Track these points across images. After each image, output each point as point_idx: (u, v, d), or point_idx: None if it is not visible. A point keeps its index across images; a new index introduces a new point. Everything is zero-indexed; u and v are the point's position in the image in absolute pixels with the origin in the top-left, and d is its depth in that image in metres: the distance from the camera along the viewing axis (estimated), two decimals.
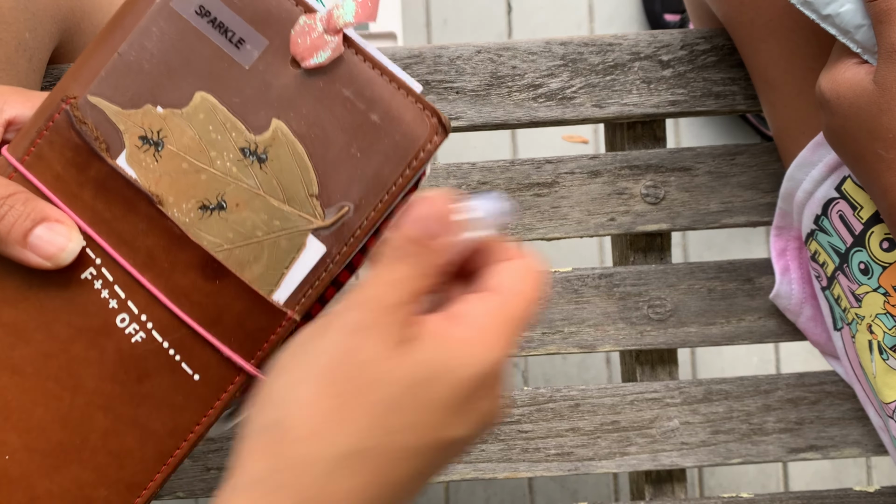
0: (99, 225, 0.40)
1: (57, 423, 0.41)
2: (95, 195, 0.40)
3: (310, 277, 0.40)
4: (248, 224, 0.40)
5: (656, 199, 0.64)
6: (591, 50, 0.63)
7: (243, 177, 0.40)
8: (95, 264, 0.41)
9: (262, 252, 0.40)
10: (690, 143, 1.19)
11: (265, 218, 0.40)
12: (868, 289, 0.56)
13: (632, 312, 0.64)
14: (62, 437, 0.41)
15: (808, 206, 0.58)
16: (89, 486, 0.42)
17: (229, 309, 0.40)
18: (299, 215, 0.40)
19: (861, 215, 0.55)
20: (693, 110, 0.63)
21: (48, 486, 0.41)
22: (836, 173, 0.56)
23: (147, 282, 0.40)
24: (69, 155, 0.40)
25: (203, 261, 0.40)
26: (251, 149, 0.40)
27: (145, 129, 0.40)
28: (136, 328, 0.41)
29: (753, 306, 0.65)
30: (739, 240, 1.17)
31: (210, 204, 0.40)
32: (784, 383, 0.65)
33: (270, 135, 0.40)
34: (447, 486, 1.10)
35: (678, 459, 0.65)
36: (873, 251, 0.55)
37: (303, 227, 0.40)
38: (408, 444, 0.34)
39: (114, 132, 0.40)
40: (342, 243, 0.40)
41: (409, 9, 1.21)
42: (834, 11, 0.48)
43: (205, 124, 0.40)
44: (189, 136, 0.40)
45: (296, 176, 0.40)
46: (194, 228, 0.40)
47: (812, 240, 0.59)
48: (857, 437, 0.65)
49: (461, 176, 0.64)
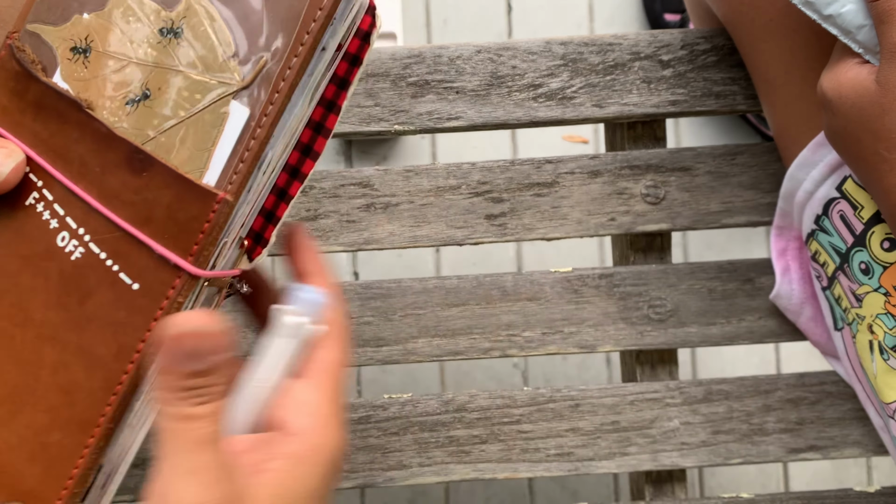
0: (39, 146, 0.40)
1: (11, 365, 0.39)
2: (35, 117, 0.40)
3: (237, 149, 0.37)
4: (171, 106, 0.38)
5: (656, 199, 0.64)
6: (591, 50, 0.63)
7: (163, 58, 0.39)
8: (37, 187, 0.40)
9: (188, 132, 0.38)
10: (690, 143, 1.19)
11: (186, 95, 0.38)
12: (869, 289, 0.56)
13: (632, 312, 0.64)
14: (17, 379, 0.39)
15: (809, 206, 0.58)
16: (44, 431, 0.39)
17: (159, 202, 0.38)
18: (219, 81, 0.38)
19: (862, 215, 0.55)
20: (693, 110, 0.63)
21: (6, 437, 0.39)
22: (836, 173, 0.56)
23: (81, 190, 0.39)
24: (11, 85, 0.40)
25: (129, 154, 0.38)
26: (168, 27, 0.39)
27: (75, 40, 0.40)
28: (76, 244, 0.39)
29: (753, 306, 0.65)
30: (739, 240, 1.17)
31: (136, 96, 0.39)
32: (784, 383, 0.65)
33: (184, 5, 0.39)
34: (447, 486, 1.10)
35: (678, 460, 0.65)
36: (874, 251, 0.55)
37: (224, 94, 0.38)
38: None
39: (49, 52, 0.40)
40: (267, 102, 0.37)
41: (409, 9, 1.21)
42: (835, 11, 0.48)
43: (125, 16, 0.39)
44: (112, 34, 0.40)
45: (211, 41, 0.38)
46: (120, 124, 0.39)
47: (812, 240, 0.59)
48: (857, 438, 0.65)
49: (461, 176, 0.64)
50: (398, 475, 0.64)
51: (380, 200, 0.64)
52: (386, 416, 0.65)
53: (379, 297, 0.64)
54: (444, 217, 0.64)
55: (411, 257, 1.15)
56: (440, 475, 0.64)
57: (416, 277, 0.64)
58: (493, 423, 0.65)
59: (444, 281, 0.64)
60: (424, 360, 0.64)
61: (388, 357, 0.64)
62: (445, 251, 1.15)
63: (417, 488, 1.11)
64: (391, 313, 0.64)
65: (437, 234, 0.64)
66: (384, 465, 0.64)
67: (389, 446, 0.65)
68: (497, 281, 0.64)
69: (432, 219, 0.64)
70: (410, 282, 0.64)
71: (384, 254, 1.15)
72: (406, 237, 0.64)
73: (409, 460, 0.64)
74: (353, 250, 0.64)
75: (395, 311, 0.64)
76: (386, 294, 0.64)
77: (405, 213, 0.64)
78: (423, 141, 1.18)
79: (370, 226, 0.64)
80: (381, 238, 0.64)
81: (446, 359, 0.64)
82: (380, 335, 0.64)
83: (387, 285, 0.64)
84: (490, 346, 0.64)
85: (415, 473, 0.64)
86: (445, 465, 0.64)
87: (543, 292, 0.64)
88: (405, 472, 0.64)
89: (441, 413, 0.65)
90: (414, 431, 0.65)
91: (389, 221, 0.64)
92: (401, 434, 0.65)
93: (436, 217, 0.64)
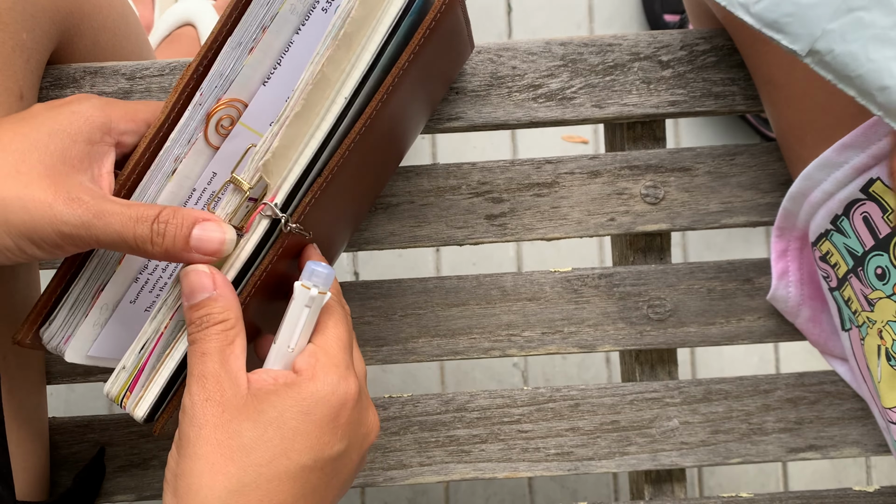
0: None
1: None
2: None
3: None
4: None
5: (656, 200, 0.64)
6: (591, 50, 0.63)
7: None
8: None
9: None
10: (690, 144, 1.19)
11: None
12: (882, 294, 0.56)
13: (631, 312, 0.64)
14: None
15: (826, 206, 0.57)
16: None
17: None
18: None
19: (890, 219, 0.54)
20: (693, 110, 0.63)
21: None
22: (862, 175, 0.55)
23: None
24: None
25: None
26: None
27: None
28: None
29: (753, 306, 0.65)
30: (739, 240, 1.17)
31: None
32: (783, 383, 0.65)
33: None
34: (447, 485, 1.10)
35: (678, 459, 0.65)
36: (895, 257, 0.55)
37: None
38: (280, 471, 0.43)
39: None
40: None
41: None
42: (854, 73, 0.47)
43: None
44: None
45: None
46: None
47: (825, 240, 0.59)
48: (856, 437, 0.65)
49: (461, 176, 0.64)
50: (398, 474, 0.64)
51: (380, 200, 0.64)
52: (386, 416, 0.65)
53: (379, 297, 0.64)
54: (444, 217, 0.64)
55: (411, 257, 1.15)
56: (440, 475, 0.64)
57: (417, 277, 0.65)
58: (493, 423, 0.65)
59: (444, 281, 0.65)
60: (424, 359, 0.65)
61: (388, 357, 0.64)
62: (445, 251, 1.15)
63: (418, 488, 1.11)
64: (391, 313, 0.64)
65: (437, 234, 0.64)
66: (384, 465, 0.64)
67: (390, 446, 0.65)
68: (497, 281, 0.65)
69: (432, 219, 0.64)
70: (410, 282, 0.65)
71: (384, 254, 1.15)
72: (406, 237, 0.64)
73: (410, 460, 0.65)
74: (353, 250, 0.64)
75: (395, 311, 0.64)
76: (386, 294, 0.64)
77: (405, 213, 0.64)
78: (423, 141, 1.18)
79: (370, 226, 0.64)
80: (381, 238, 0.64)
81: (446, 359, 0.64)
82: (380, 335, 0.64)
83: (387, 285, 0.65)
84: (490, 346, 0.65)
85: (415, 473, 0.65)
86: (445, 464, 0.65)
87: (543, 292, 0.65)
88: (405, 471, 0.65)
89: (441, 413, 0.65)
90: (414, 431, 0.65)
91: (389, 221, 0.64)
92: (401, 434, 0.65)
93: (436, 217, 0.64)
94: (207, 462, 0.42)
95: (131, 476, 0.64)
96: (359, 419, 0.47)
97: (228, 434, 0.43)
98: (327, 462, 0.45)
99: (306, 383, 0.45)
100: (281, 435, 0.43)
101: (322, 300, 0.47)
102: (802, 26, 0.47)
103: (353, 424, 0.46)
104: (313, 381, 0.45)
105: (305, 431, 0.44)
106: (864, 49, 0.46)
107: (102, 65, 0.61)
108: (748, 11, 0.48)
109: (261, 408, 0.44)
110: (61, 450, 0.64)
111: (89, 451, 0.64)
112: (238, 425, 0.43)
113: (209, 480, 0.42)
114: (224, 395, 0.43)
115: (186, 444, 0.43)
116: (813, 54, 0.47)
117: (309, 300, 0.47)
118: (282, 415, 0.44)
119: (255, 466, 0.43)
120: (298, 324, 0.46)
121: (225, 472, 0.42)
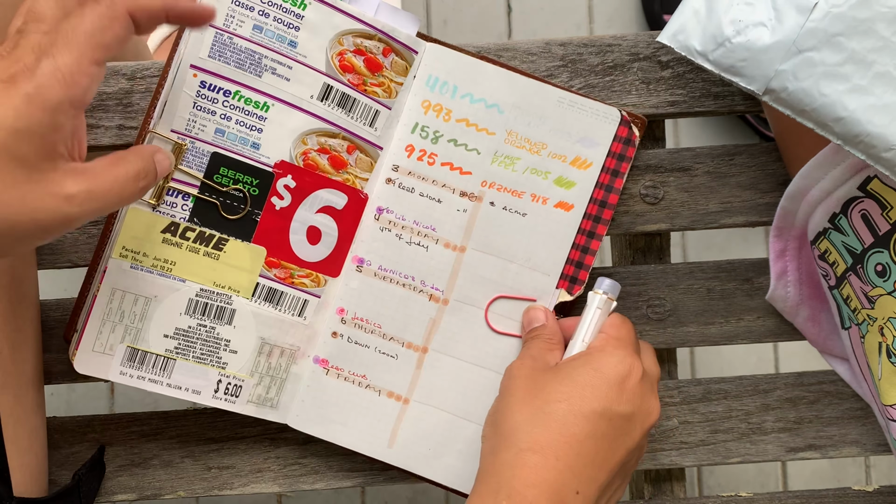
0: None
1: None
2: None
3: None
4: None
5: (655, 200, 0.64)
6: (591, 50, 0.63)
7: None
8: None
9: None
10: (689, 144, 1.19)
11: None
12: (882, 291, 0.56)
13: (631, 312, 0.64)
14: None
15: (824, 204, 0.58)
16: None
17: None
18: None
19: (890, 216, 0.54)
20: (692, 111, 0.63)
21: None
22: (860, 173, 0.55)
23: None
24: None
25: None
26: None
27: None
28: None
29: (752, 306, 0.65)
30: (738, 240, 1.17)
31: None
32: (783, 383, 0.66)
33: None
34: None
35: (677, 458, 0.65)
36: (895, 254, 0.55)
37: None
38: (575, 409, 0.53)
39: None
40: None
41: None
42: (810, 107, 0.50)
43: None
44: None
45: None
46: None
47: (823, 238, 0.59)
48: (855, 437, 0.65)
49: None
50: (398, 474, 0.64)
51: None
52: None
53: None
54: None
55: None
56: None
57: None
58: None
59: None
60: None
61: None
62: None
63: (418, 487, 1.11)
64: None
65: None
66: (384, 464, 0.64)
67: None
68: None
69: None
70: None
71: None
72: None
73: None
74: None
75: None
76: None
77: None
78: None
79: None
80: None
81: None
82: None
83: None
84: None
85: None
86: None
87: None
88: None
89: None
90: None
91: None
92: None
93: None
94: (516, 398, 0.55)
95: (131, 475, 0.64)
96: (642, 394, 0.55)
97: (533, 381, 0.55)
98: (615, 416, 0.53)
99: (597, 353, 0.56)
100: (573, 383, 0.54)
101: (610, 305, 0.59)
102: (757, 68, 0.50)
103: (638, 396, 0.54)
104: (603, 352, 0.56)
105: (594, 385, 0.54)
106: (815, 85, 0.49)
107: None
108: (707, 59, 0.52)
109: (559, 368, 0.56)
110: (61, 449, 0.64)
111: (89, 451, 0.64)
112: (541, 376, 0.55)
113: (518, 408, 0.54)
114: (535, 364, 0.57)
115: (504, 390, 0.56)
116: (769, 92, 0.50)
117: (600, 303, 0.58)
118: (575, 370, 0.55)
119: (553, 402, 0.53)
120: (591, 322, 0.58)
121: (530, 405, 0.54)
